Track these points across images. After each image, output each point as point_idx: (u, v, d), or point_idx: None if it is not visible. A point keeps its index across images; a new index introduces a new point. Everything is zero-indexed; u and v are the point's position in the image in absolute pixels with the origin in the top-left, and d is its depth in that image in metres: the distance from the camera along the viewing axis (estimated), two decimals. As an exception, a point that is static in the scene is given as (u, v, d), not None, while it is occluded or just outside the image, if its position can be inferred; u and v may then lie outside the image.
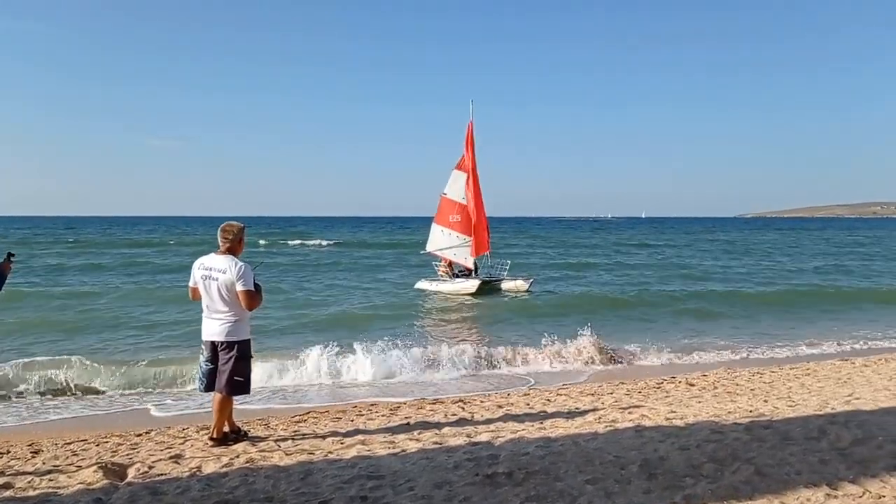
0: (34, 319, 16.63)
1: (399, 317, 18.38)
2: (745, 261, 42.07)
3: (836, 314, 19.25)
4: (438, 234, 26.28)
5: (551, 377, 11.27)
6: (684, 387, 9.55)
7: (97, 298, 21.38)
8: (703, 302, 21.81)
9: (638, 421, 6.80)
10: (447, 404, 8.52)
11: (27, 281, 26.31)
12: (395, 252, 49.94)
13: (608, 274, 33.21)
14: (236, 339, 5.89)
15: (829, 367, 11.13)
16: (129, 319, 17.07)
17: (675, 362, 12.59)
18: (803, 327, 16.79)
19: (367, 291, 25.26)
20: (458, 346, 12.92)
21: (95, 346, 13.54)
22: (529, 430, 6.63)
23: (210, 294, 5.82)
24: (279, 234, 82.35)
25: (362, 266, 37.63)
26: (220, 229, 5.95)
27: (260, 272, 6.25)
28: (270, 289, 22.65)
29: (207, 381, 6.02)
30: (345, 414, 7.98)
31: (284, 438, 6.52)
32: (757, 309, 20.48)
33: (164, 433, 7.14)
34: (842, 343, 14.53)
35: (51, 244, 56.04)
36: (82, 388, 10.33)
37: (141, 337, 14.67)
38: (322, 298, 22.66)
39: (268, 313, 16.51)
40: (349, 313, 18.96)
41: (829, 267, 36.87)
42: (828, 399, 7.71)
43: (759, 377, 10.17)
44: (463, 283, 24.43)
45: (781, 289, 25.88)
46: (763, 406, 7.46)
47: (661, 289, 25.88)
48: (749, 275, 31.96)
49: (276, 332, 15.44)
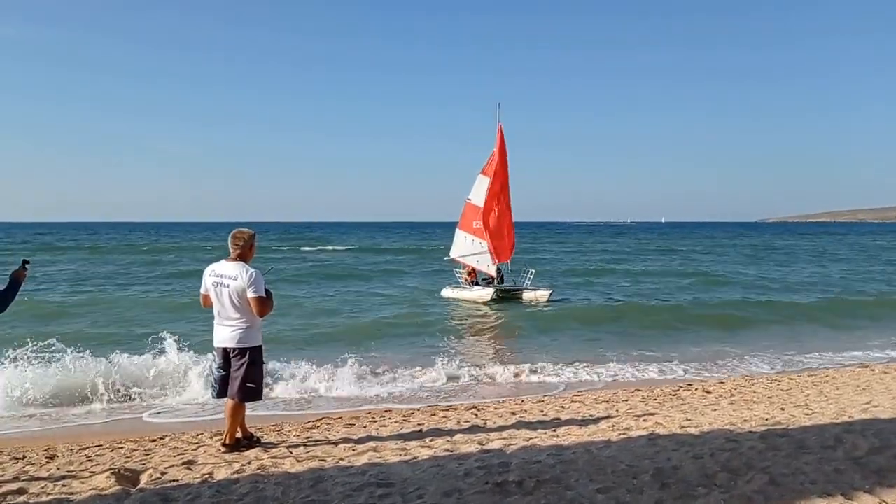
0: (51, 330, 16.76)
1: (418, 326, 18.05)
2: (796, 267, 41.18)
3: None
4: (462, 241, 25.64)
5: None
6: (700, 394, 9.46)
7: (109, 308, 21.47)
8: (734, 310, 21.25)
9: (652, 429, 6.73)
10: (460, 411, 8.51)
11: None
12: (414, 258, 49.88)
13: (632, 282, 32.38)
14: (248, 346, 5.91)
15: (848, 374, 10.99)
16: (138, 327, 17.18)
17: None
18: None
19: (386, 299, 25.07)
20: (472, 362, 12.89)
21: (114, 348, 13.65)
22: (542, 437, 6.60)
23: (221, 301, 5.85)
24: (296, 240, 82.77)
25: (380, 272, 37.44)
26: (231, 236, 5.99)
27: (272, 278, 6.27)
28: (286, 297, 22.78)
29: (220, 387, 6.05)
30: (358, 420, 7.99)
31: (297, 445, 6.53)
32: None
33: (179, 439, 7.17)
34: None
35: (72, 250, 56.64)
36: (99, 394, 10.37)
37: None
38: (338, 306, 22.53)
39: (275, 320, 16.42)
40: (361, 324, 18.66)
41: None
42: (845, 407, 7.60)
43: (777, 384, 10.06)
44: (479, 290, 23.96)
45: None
46: (780, 414, 7.36)
47: (691, 297, 25.37)
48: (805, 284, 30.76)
49: (291, 339, 15.45)
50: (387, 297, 25.75)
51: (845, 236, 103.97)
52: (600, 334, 13.47)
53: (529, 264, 27.32)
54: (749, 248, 66.79)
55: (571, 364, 12.46)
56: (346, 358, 11.54)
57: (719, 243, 78.01)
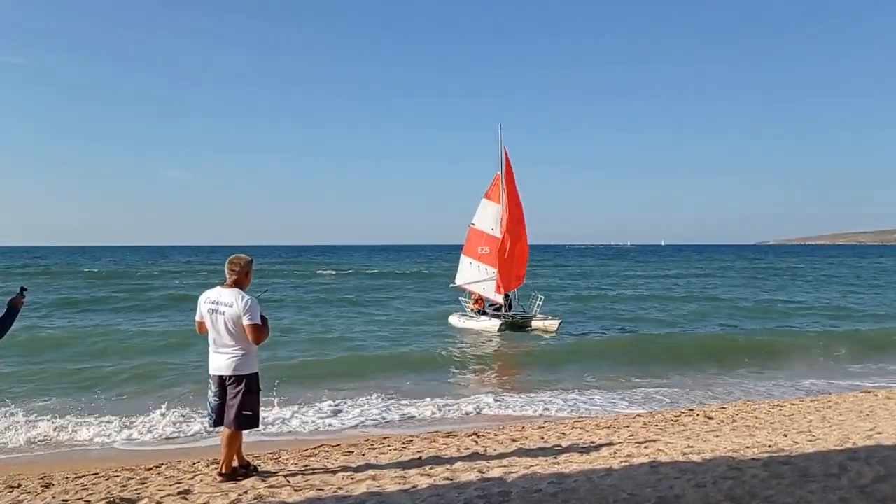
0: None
1: (419, 356, 17.45)
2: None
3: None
4: (467, 267, 24.78)
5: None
6: (702, 420, 9.37)
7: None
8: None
9: (654, 456, 6.66)
10: (460, 438, 8.42)
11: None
12: (415, 281, 49.64)
13: (638, 307, 31.49)
14: (244, 373, 5.85)
15: (851, 399, 10.90)
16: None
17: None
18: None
19: (384, 325, 24.41)
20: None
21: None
22: (543, 465, 6.52)
23: (217, 328, 5.80)
24: (299, 264, 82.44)
25: (379, 298, 36.73)
26: (228, 262, 5.95)
27: (268, 302, 6.22)
28: (277, 322, 22.61)
29: (216, 415, 5.98)
30: (356, 447, 7.90)
31: (294, 473, 6.45)
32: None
33: (175, 467, 7.09)
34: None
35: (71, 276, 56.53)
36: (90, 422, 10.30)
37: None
38: (336, 333, 22.00)
39: (275, 351, 16.20)
40: (360, 353, 18.02)
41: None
42: (849, 433, 7.52)
43: (780, 410, 9.97)
44: (486, 321, 22.95)
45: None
46: (782, 440, 7.28)
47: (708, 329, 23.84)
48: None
49: (287, 367, 15.28)
50: (386, 323, 25.26)
51: (851, 258, 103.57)
52: (609, 365, 13.38)
53: (537, 290, 25.90)
54: (766, 271, 65.60)
55: (571, 392, 12.37)
56: (343, 385, 11.50)
57: (726, 265, 77.28)
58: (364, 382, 12.59)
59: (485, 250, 23.93)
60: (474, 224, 24.67)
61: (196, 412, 10.25)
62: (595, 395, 12.34)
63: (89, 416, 10.42)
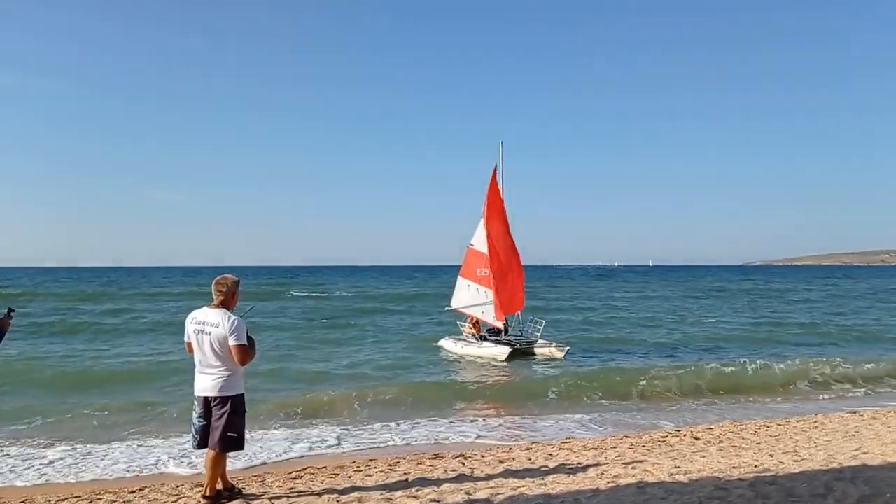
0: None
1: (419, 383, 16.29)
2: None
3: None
4: (464, 290, 23.49)
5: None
6: (689, 440, 9.38)
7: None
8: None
9: (641, 476, 6.66)
10: (447, 459, 8.37)
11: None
12: (408, 305, 48.27)
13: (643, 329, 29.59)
14: (230, 394, 5.80)
15: (837, 419, 10.95)
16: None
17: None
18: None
19: (376, 348, 23.36)
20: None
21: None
22: (530, 486, 6.51)
23: (202, 348, 5.76)
24: (281, 285, 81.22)
25: (373, 319, 35.28)
26: (215, 282, 5.94)
27: (253, 320, 6.20)
28: (263, 342, 22.37)
29: (200, 437, 5.92)
30: (342, 470, 7.83)
31: (279, 496, 6.40)
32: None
33: (158, 490, 7.02)
34: None
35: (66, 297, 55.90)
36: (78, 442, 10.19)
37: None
38: (322, 356, 21.39)
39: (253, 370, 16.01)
40: (346, 372, 17.90)
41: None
42: (834, 454, 7.55)
43: (766, 430, 10.00)
44: (491, 348, 21.08)
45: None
46: (768, 461, 7.30)
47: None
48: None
49: (270, 389, 15.12)
50: (378, 345, 24.33)
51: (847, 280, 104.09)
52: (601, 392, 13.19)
53: (534, 313, 24.85)
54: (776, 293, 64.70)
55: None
56: (329, 409, 11.43)
57: (725, 287, 76.01)
58: (354, 407, 12.49)
59: (484, 272, 22.53)
60: (473, 245, 23.42)
61: (181, 434, 10.18)
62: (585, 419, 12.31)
63: (69, 438, 10.31)
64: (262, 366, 16.45)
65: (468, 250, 23.59)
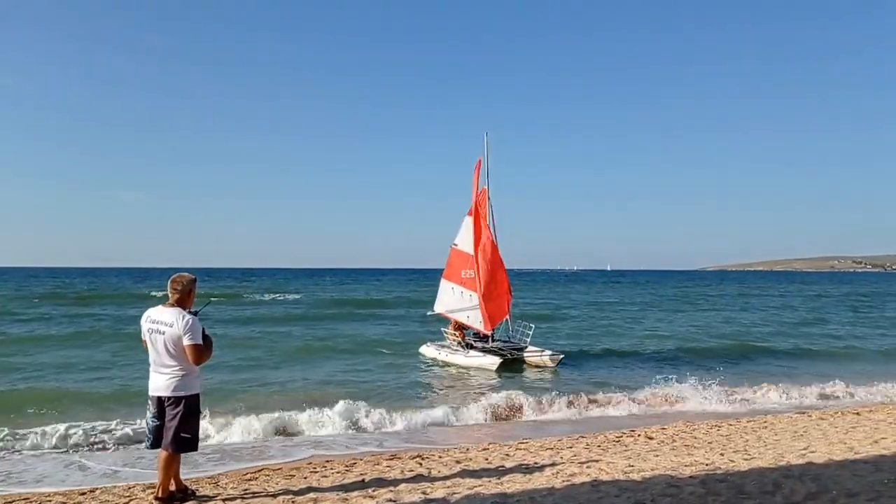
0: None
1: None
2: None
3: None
4: (448, 293, 21.97)
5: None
6: (643, 440, 9.52)
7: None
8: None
9: (595, 475, 6.75)
10: (404, 460, 8.37)
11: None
12: (389, 309, 46.03)
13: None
14: (184, 394, 5.72)
15: (786, 420, 11.21)
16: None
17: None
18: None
19: (355, 356, 21.60)
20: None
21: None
22: (486, 485, 6.54)
23: (156, 348, 5.67)
24: (248, 289, 79.56)
25: (347, 322, 34.38)
26: (171, 280, 5.85)
27: (207, 316, 6.12)
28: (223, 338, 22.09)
29: (154, 437, 5.83)
30: (298, 471, 7.77)
31: (233, 498, 6.32)
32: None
33: (109, 492, 6.88)
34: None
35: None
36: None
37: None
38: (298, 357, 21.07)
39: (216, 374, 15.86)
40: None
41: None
42: (783, 452, 7.74)
43: (717, 430, 10.20)
44: (480, 357, 19.48)
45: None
46: (719, 459, 7.46)
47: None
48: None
49: (230, 390, 15.02)
50: (356, 354, 22.34)
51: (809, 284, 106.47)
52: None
53: (518, 317, 22.97)
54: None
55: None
56: (287, 409, 11.33)
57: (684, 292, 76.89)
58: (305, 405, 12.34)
59: (468, 274, 20.99)
60: (457, 245, 21.75)
61: (134, 433, 10.01)
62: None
63: (20, 438, 10.07)
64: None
65: (452, 250, 22.04)
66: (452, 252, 22.00)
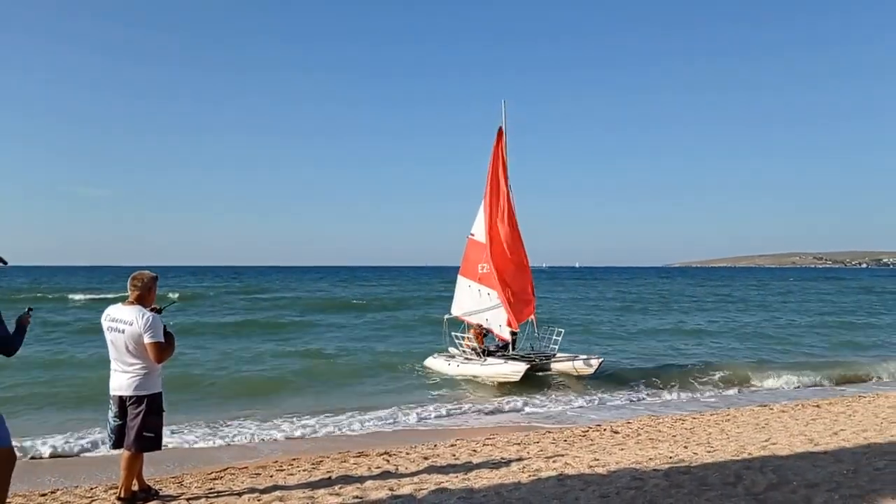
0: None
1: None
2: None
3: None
4: (465, 292, 18.90)
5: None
6: (609, 434, 9.62)
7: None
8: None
9: (561, 469, 6.80)
10: (371, 457, 8.34)
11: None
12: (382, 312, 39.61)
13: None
14: (146, 393, 5.63)
15: (748, 412, 11.41)
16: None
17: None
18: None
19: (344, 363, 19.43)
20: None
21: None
22: (453, 481, 6.55)
23: (116, 346, 5.57)
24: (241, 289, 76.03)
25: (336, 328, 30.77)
26: (131, 277, 5.75)
27: (170, 315, 6.02)
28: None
29: (116, 437, 5.74)
30: (264, 469, 7.71)
31: (198, 497, 6.25)
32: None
33: (71, 492, 6.78)
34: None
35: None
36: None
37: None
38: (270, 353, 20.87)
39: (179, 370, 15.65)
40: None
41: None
42: (745, 444, 7.88)
43: (681, 423, 10.34)
44: (500, 366, 16.17)
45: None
46: (683, 452, 7.56)
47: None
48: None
49: (202, 388, 14.87)
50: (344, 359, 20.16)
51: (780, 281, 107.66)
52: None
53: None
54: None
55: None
56: (254, 408, 11.25)
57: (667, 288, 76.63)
58: (276, 405, 12.28)
59: (485, 268, 18.01)
60: (473, 234, 18.84)
61: (94, 433, 9.85)
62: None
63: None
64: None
65: (468, 241, 18.99)
66: (469, 243, 18.96)
